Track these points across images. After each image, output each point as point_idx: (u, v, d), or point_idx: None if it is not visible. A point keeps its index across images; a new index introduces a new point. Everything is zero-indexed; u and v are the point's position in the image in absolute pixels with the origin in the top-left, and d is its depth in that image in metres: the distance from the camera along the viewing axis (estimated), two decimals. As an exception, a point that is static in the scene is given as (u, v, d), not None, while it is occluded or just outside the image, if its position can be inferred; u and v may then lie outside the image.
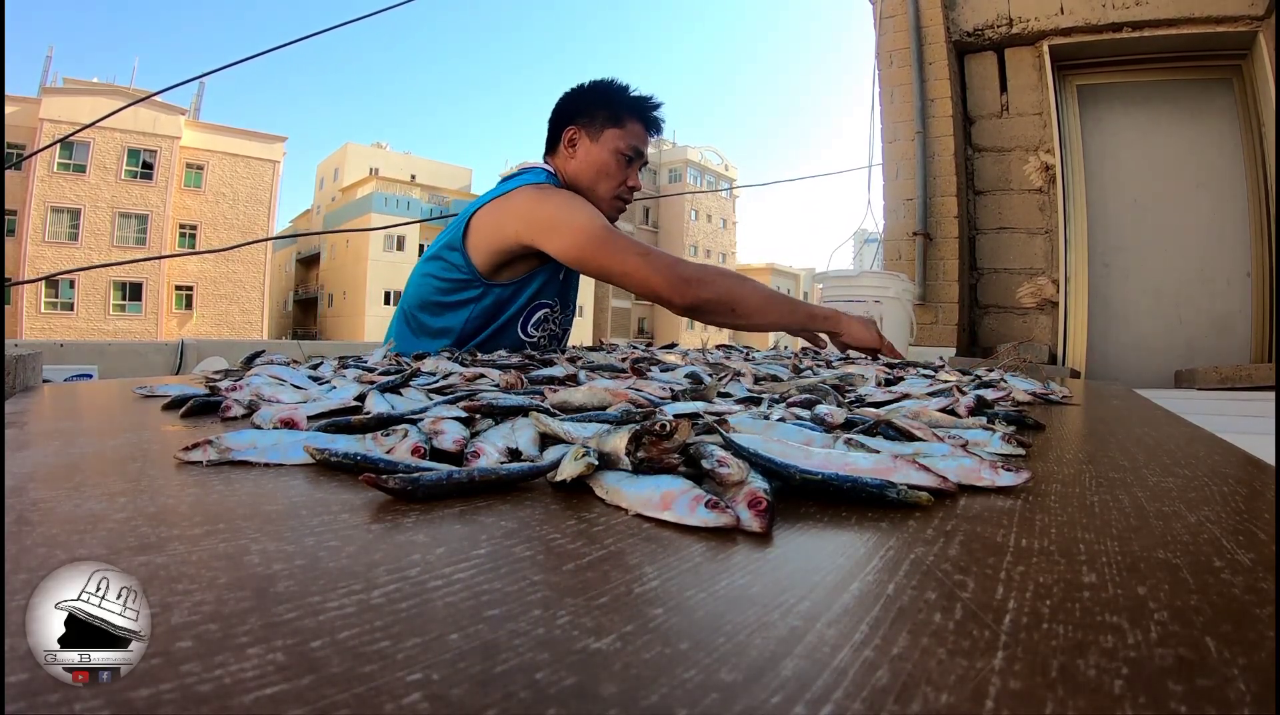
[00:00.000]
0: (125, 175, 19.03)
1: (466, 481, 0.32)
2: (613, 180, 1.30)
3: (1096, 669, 0.16)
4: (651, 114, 1.32)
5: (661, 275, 1.12)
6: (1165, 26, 2.88)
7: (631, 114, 1.29)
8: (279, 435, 0.41)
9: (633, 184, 1.32)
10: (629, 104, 1.29)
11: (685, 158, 33.95)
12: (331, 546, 0.24)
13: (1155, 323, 3.11)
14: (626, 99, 1.30)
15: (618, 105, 1.29)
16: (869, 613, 0.20)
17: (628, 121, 1.29)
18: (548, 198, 1.20)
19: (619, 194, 1.31)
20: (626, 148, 1.29)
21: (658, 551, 0.25)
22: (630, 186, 1.32)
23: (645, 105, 1.31)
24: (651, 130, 1.32)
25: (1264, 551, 0.26)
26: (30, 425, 0.51)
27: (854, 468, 0.34)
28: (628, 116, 1.29)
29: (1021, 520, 0.30)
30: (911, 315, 2.51)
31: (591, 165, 1.29)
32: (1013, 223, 3.24)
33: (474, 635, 0.18)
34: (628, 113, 1.29)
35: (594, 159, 1.29)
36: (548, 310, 1.33)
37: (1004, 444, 0.45)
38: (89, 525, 0.26)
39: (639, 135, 1.30)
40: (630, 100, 1.30)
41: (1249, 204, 2.99)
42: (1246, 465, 0.46)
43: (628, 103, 1.29)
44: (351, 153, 29.91)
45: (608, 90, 1.31)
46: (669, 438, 0.33)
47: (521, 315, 1.28)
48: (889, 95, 3.29)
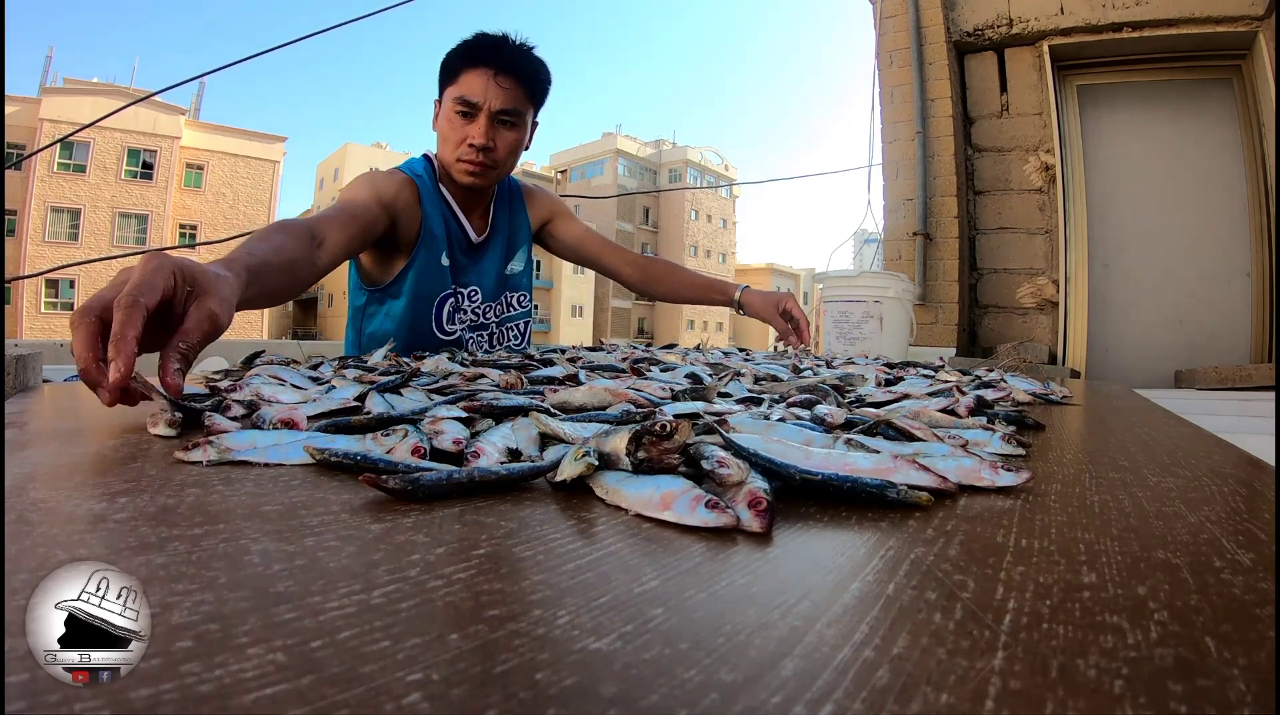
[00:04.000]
0: (125, 175, 19.04)
1: (466, 481, 0.32)
2: (449, 142, 1.18)
3: (1096, 669, 0.16)
4: (490, 53, 1.14)
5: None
6: (1165, 26, 2.88)
7: (466, 62, 1.15)
8: (279, 435, 0.41)
9: (473, 140, 1.15)
10: (459, 53, 1.16)
11: (685, 158, 33.98)
12: (331, 546, 0.24)
13: (1155, 323, 3.11)
14: (458, 49, 1.16)
15: (450, 59, 1.16)
16: (869, 613, 0.20)
17: (464, 72, 1.15)
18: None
19: (459, 155, 1.18)
20: (457, 100, 1.15)
21: (658, 551, 0.25)
22: (471, 144, 1.16)
23: (480, 46, 1.15)
24: (499, 71, 1.13)
25: (1264, 551, 0.26)
26: (30, 425, 0.51)
27: (854, 468, 0.34)
28: (460, 68, 1.15)
29: (1021, 520, 0.30)
30: (911, 315, 2.51)
31: (440, 135, 1.19)
32: (1013, 223, 3.24)
33: (474, 635, 0.18)
34: (462, 61, 1.15)
35: (441, 128, 1.19)
36: (454, 300, 1.25)
37: (1004, 444, 0.45)
38: (89, 525, 0.26)
39: (472, 83, 1.14)
40: (460, 49, 1.16)
41: (1249, 204, 2.99)
42: (1246, 465, 0.46)
43: (458, 52, 1.16)
44: (351, 153, 29.92)
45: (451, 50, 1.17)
46: (669, 438, 0.33)
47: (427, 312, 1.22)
48: (889, 95, 3.29)
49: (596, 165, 33.73)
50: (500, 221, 1.34)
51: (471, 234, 1.28)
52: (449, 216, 1.25)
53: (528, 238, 1.40)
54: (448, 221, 1.24)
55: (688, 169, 33.85)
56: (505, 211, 1.36)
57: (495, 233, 1.33)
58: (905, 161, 3.21)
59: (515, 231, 1.37)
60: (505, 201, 1.36)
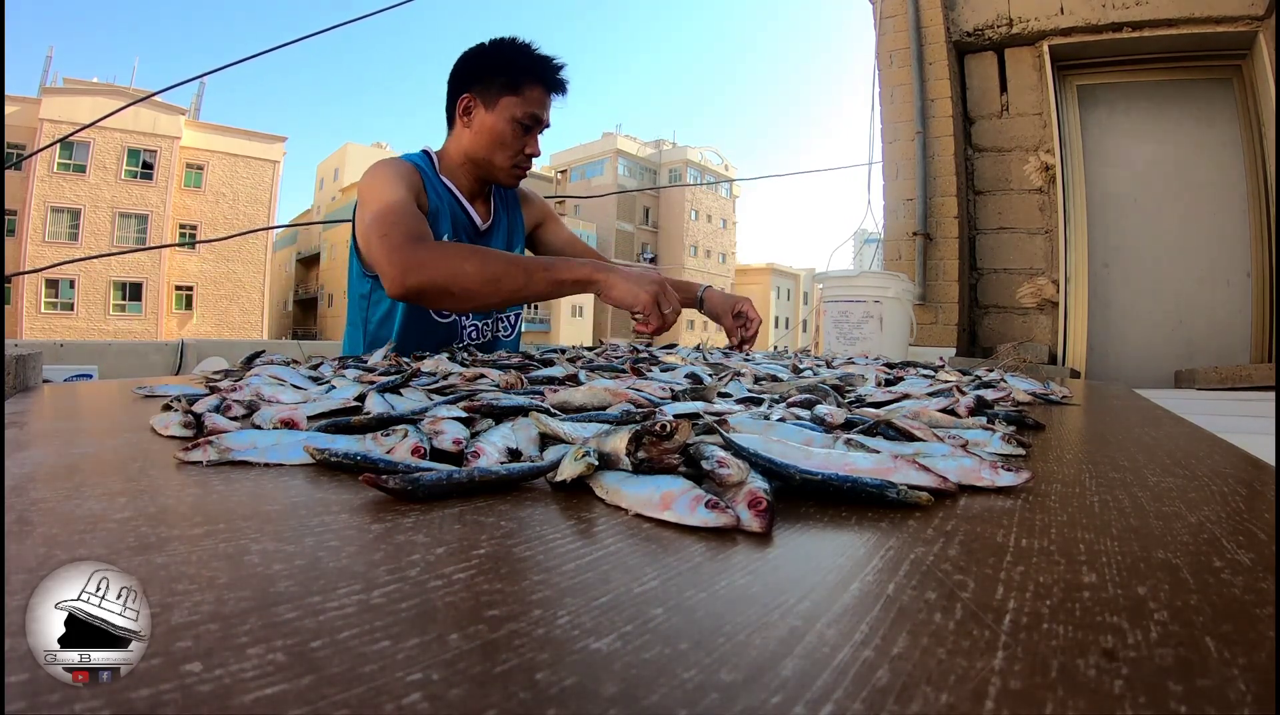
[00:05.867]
0: (125, 175, 19.04)
1: (466, 481, 0.32)
2: (509, 149, 1.23)
3: (1096, 669, 0.16)
4: (553, 76, 1.21)
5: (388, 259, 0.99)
6: (1165, 26, 2.88)
7: (530, 78, 1.19)
8: (279, 435, 0.41)
9: (531, 151, 1.25)
10: (527, 67, 1.19)
11: (685, 158, 33.96)
12: (331, 546, 0.24)
13: (1155, 323, 3.11)
14: (524, 62, 1.20)
15: (515, 70, 1.19)
16: (869, 613, 0.20)
17: (526, 87, 1.19)
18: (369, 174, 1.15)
19: (516, 163, 1.25)
20: (524, 115, 1.20)
21: (658, 551, 0.25)
22: (528, 154, 1.25)
23: (546, 67, 1.20)
24: (554, 92, 1.23)
25: (1264, 551, 0.26)
26: (30, 425, 0.51)
27: (854, 468, 0.34)
28: (526, 82, 1.19)
29: (1021, 520, 0.30)
30: (911, 315, 2.51)
31: (487, 135, 1.22)
32: (1013, 223, 3.24)
33: (474, 635, 0.18)
34: (526, 77, 1.19)
35: (489, 128, 1.22)
36: None
37: (1004, 444, 0.45)
38: (89, 525, 0.26)
39: (538, 101, 1.21)
40: (528, 63, 1.20)
41: (1249, 204, 2.99)
42: (1246, 465, 0.46)
43: (526, 66, 1.19)
44: (351, 153, 29.92)
45: (506, 52, 1.21)
46: (669, 438, 0.33)
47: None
48: (889, 95, 3.29)
49: (596, 165, 33.73)
50: (501, 215, 1.39)
51: (478, 221, 1.31)
52: (454, 205, 1.28)
53: (523, 237, 1.45)
54: (453, 209, 1.27)
55: (688, 169, 33.84)
56: (504, 208, 1.40)
57: (499, 223, 1.38)
58: (905, 161, 3.21)
59: (514, 227, 1.42)
60: (503, 198, 1.41)
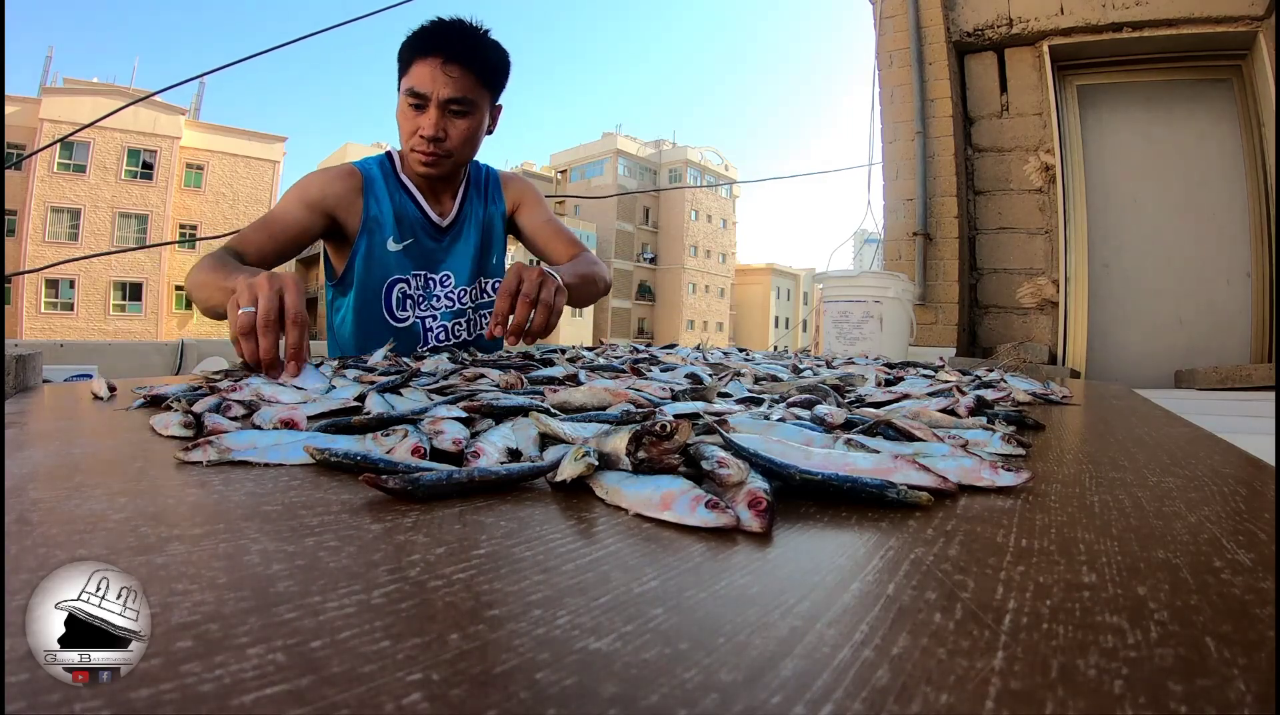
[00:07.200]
0: (125, 175, 19.04)
1: (466, 481, 0.32)
2: (403, 133, 1.18)
3: (1096, 669, 0.16)
4: (435, 42, 1.12)
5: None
6: (1165, 26, 2.88)
7: (415, 53, 1.13)
8: (279, 435, 0.41)
9: (424, 132, 1.15)
10: (411, 42, 1.14)
11: (685, 158, 33.97)
12: (331, 546, 0.24)
13: (1155, 323, 3.11)
14: (411, 38, 1.14)
15: (404, 48, 1.15)
16: (869, 613, 0.20)
17: (415, 63, 1.13)
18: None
19: (412, 146, 1.18)
20: (407, 93, 1.13)
21: (658, 551, 0.25)
22: (421, 134, 1.15)
23: (427, 35, 1.13)
24: (450, 60, 1.11)
25: (1264, 551, 0.26)
26: (30, 425, 0.51)
27: (854, 468, 0.34)
28: (414, 58, 1.13)
29: (1021, 520, 0.30)
30: (911, 315, 2.51)
31: (399, 127, 1.19)
32: (1013, 223, 3.24)
33: (474, 635, 0.18)
34: (412, 53, 1.14)
35: (397, 119, 1.19)
36: (405, 285, 1.24)
37: (1004, 444, 0.45)
38: (89, 525, 0.26)
39: (420, 74, 1.12)
40: (414, 38, 1.14)
41: (1249, 204, 2.99)
42: (1246, 465, 0.46)
43: (410, 41, 1.14)
44: (351, 153, 29.87)
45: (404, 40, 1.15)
46: (669, 438, 0.33)
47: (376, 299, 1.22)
48: (889, 95, 3.29)
49: (596, 165, 33.73)
50: (473, 208, 1.34)
51: (434, 217, 1.28)
52: (406, 202, 1.25)
53: (501, 224, 1.40)
54: (403, 209, 1.25)
55: (688, 169, 33.85)
56: (480, 199, 1.36)
57: (466, 218, 1.33)
58: (905, 161, 3.21)
59: (491, 219, 1.37)
60: (480, 189, 1.36)
